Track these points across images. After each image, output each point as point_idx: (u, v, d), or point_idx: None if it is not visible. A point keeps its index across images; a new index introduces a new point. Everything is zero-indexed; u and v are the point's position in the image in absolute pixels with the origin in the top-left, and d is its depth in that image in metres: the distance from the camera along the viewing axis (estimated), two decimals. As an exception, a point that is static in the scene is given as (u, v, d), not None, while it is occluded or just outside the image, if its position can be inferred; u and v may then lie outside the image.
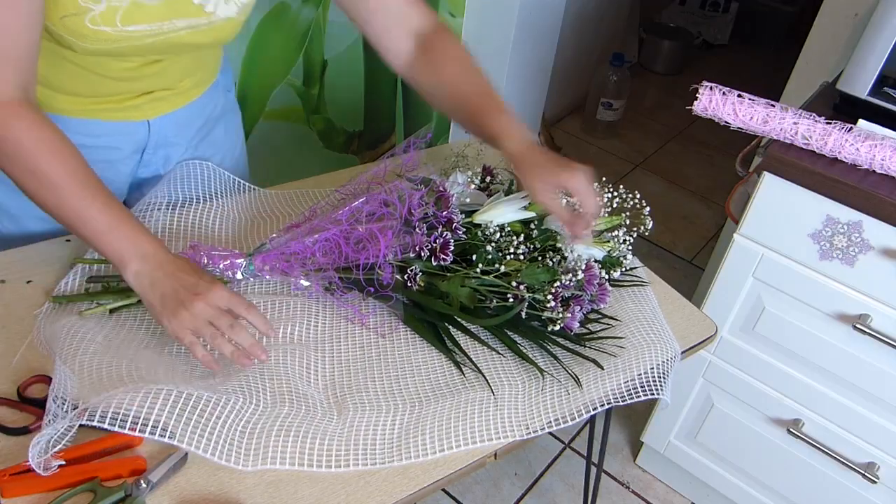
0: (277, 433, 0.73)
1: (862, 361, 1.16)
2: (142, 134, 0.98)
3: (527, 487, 1.59)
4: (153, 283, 0.76)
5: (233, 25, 0.88)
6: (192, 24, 0.83)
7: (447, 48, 0.92)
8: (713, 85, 1.06)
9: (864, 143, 1.01)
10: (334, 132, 1.91)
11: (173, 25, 0.82)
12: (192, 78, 0.99)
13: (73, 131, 0.85)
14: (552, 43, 2.05)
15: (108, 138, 0.95)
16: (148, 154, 1.01)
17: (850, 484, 1.27)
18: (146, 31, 0.80)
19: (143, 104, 0.95)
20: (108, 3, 0.75)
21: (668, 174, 2.71)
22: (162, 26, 0.81)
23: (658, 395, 0.86)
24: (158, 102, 0.97)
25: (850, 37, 1.42)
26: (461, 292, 0.86)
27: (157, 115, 0.98)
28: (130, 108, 0.94)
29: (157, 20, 0.80)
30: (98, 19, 0.76)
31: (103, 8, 0.76)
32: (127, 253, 0.76)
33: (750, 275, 1.22)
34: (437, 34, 0.93)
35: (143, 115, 0.97)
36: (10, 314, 0.84)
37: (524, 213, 0.93)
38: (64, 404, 0.70)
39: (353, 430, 0.76)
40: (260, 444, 0.72)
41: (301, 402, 0.77)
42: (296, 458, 0.72)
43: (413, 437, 0.76)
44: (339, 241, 0.89)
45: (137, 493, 0.68)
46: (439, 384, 0.83)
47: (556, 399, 0.83)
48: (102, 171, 0.80)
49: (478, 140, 0.94)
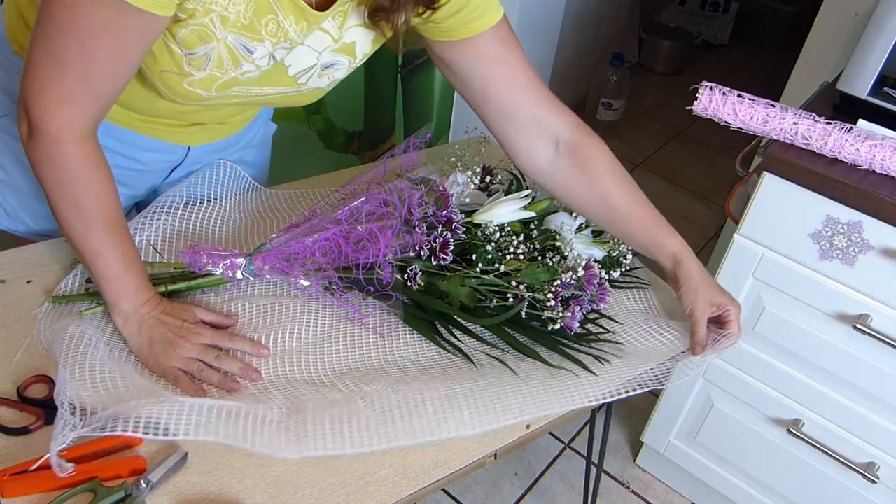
0: (313, 423, 0.73)
1: (862, 361, 1.16)
2: (179, 155, 0.99)
3: (527, 487, 1.59)
4: (141, 326, 0.80)
5: (318, 94, 0.88)
6: (280, 92, 0.84)
7: (599, 158, 0.88)
8: (713, 85, 1.06)
9: (864, 143, 1.01)
10: (334, 132, 1.91)
11: (262, 92, 0.83)
12: (243, 115, 1.01)
13: (112, 137, 0.86)
14: (552, 43, 2.05)
15: (145, 153, 0.96)
16: (177, 172, 1.03)
17: (850, 484, 1.26)
18: (237, 93, 0.82)
19: (192, 132, 0.96)
20: (210, 71, 0.76)
21: (668, 174, 2.71)
22: (251, 91, 0.82)
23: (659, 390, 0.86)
24: (207, 132, 0.98)
25: (850, 37, 1.42)
26: (461, 292, 0.86)
27: (202, 143, 0.99)
28: (179, 132, 0.95)
29: (250, 85, 0.81)
30: (196, 84, 0.77)
31: (205, 75, 0.76)
32: (124, 299, 0.80)
33: (750, 275, 1.22)
34: (585, 140, 0.87)
35: (188, 140, 0.97)
36: (10, 314, 0.84)
37: (524, 212, 0.93)
38: (75, 410, 0.70)
39: (384, 409, 0.76)
40: (300, 435, 0.71)
41: (323, 397, 0.78)
42: (337, 442, 0.71)
43: (451, 411, 0.76)
44: (338, 241, 0.89)
45: (137, 493, 0.68)
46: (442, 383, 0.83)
47: (560, 395, 0.82)
48: (128, 177, 0.81)
49: (477, 140, 0.94)
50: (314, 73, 0.83)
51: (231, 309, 0.88)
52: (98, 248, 0.78)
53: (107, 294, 0.80)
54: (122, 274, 0.79)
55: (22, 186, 0.95)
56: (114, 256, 0.78)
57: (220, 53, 0.74)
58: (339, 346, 0.86)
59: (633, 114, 2.99)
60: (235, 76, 0.77)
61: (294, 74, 0.82)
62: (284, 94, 0.85)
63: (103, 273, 0.79)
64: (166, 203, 0.99)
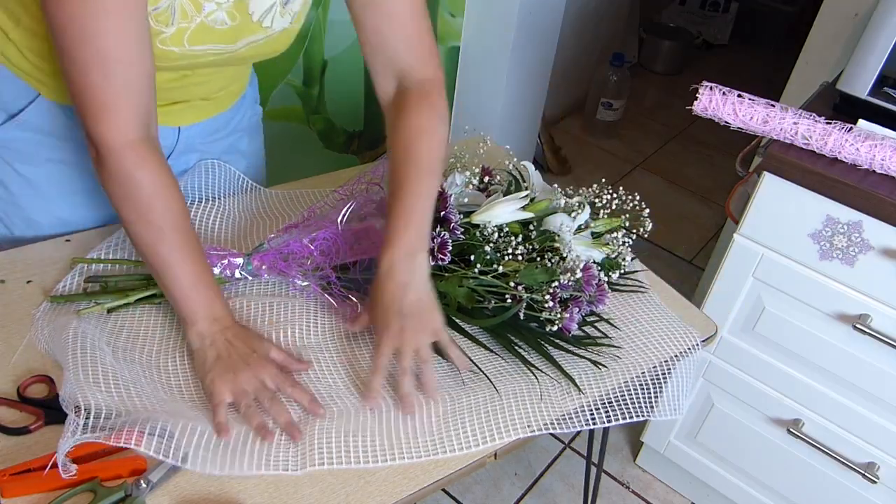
0: (319, 436, 0.74)
1: (862, 361, 1.16)
2: (170, 139, 0.98)
3: (527, 487, 1.59)
4: (213, 342, 0.78)
5: (288, 35, 0.88)
6: (251, 41, 0.84)
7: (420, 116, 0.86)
8: (713, 85, 1.06)
9: (864, 143, 1.01)
10: (334, 132, 1.91)
11: (235, 47, 0.83)
12: (228, 89, 1.00)
13: None
14: (552, 43, 2.05)
15: None
16: (172, 160, 1.02)
17: (850, 484, 1.26)
18: (211, 50, 0.82)
19: (178, 111, 0.96)
20: (178, 25, 0.76)
21: (668, 174, 2.71)
22: (227, 47, 0.82)
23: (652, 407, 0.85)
24: (192, 111, 0.97)
25: (850, 37, 1.41)
26: (459, 292, 0.86)
27: (190, 122, 0.98)
28: (165, 113, 0.94)
29: (223, 42, 0.81)
30: (168, 41, 0.77)
31: (174, 30, 0.76)
32: (201, 312, 0.78)
33: (750, 275, 1.22)
34: (422, 94, 0.86)
35: (176, 121, 0.97)
36: (10, 314, 0.84)
37: (522, 213, 0.93)
38: (79, 411, 0.70)
39: (391, 424, 0.76)
40: (306, 449, 0.73)
41: (330, 406, 0.78)
42: (342, 457, 0.73)
43: (454, 428, 0.77)
44: (336, 240, 0.89)
45: (137, 493, 0.68)
46: (444, 382, 0.83)
47: (558, 399, 0.82)
48: None
49: (476, 140, 0.94)
50: (276, 11, 0.83)
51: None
52: (169, 260, 0.77)
53: (181, 309, 0.78)
54: (195, 284, 0.78)
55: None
56: (187, 266, 0.77)
57: (181, 2, 0.74)
58: (338, 347, 0.86)
59: (633, 114, 2.98)
60: (203, 22, 0.77)
61: (258, 19, 0.82)
62: (255, 42, 0.85)
63: (177, 286, 0.78)
64: None
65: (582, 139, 2.86)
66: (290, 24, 0.87)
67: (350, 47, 1.79)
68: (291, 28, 0.88)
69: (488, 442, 0.77)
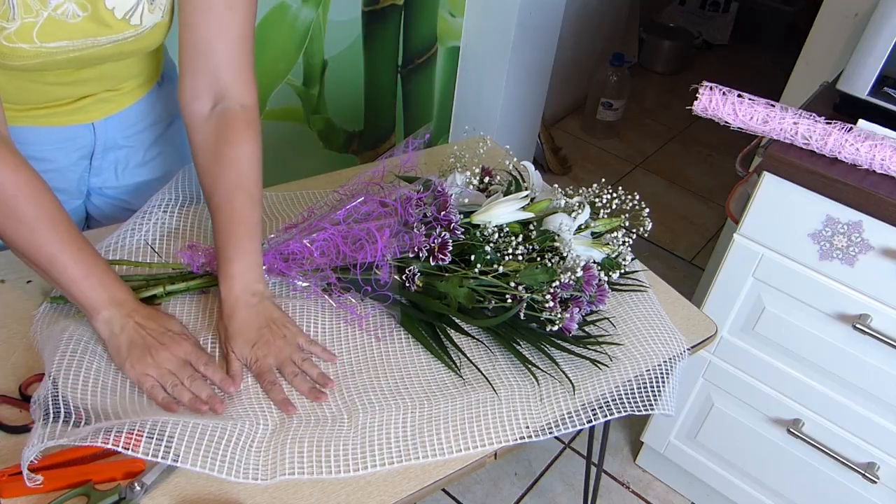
0: (291, 444, 0.74)
1: (862, 361, 1.16)
2: (87, 138, 0.96)
3: (527, 487, 1.59)
4: (123, 328, 0.77)
5: (160, 29, 0.86)
6: (115, 40, 0.82)
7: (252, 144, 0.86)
8: (713, 85, 1.06)
9: (864, 143, 1.01)
10: (334, 132, 1.91)
11: (96, 42, 0.80)
12: (136, 79, 0.97)
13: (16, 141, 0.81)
14: (552, 43, 2.05)
15: (53, 145, 0.93)
16: (97, 160, 0.99)
17: (850, 484, 1.26)
18: (67, 46, 0.79)
19: (86, 106, 0.93)
20: (22, 21, 0.74)
21: (668, 174, 2.71)
22: (85, 42, 0.79)
23: (654, 404, 0.85)
24: (102, 104, 0.95)
25: (850, 37, 1.41)
26: (459, 292, 0.86)
27: (102, 116, 0.95)
28: (73, 111, 0.92)
29: (79, 37, 0.79)
30: (14, 37, 0.75)
31: (17, 25, 0.74)
32: (99, 300, 0.77)
33: (750, 275, 1.22)
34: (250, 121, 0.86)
35: (87, 117, 0.94)
36: (10, 314, 0.84)
37: (522, 213, 0.93)
38: (59, 416, 0.69)
39: (366, 432, 0.76)
40: (276, 457, 0.72)
41: (310, 414, 0.78)
42: (313, 467, 0.72)
43: (427, 435, 0.77)
44: (336, 241, 0.89)
45: (131, 496, 0.68)
46: (445, 383, 0.83)
47: (559, 400, 0.82)
48: (51, 180, 0.78)
49: (476, 140, 0.94)
50: (143, 8, 0.81)
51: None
52: (49, 254, 0.74)
53: (80, 301, 0.77)
54: (87, 273, 0.76)
55: None
56: (70, 257, 0.75)
57: None
58: (340, 347, 0.86)
59: (633, 114, 2.98)
60: (51, 16, 0.75)
61: (123, 16, 0.80)
62: (124, 39, 0.82)
63: (67, 279, 0.75)
64: (162, 202, 0.99)
65: (582, 139, 2.86)
66: (162, 17, 0.85)
67: (350, 47, 1.79)
68: (164, 21, 0.85)
69: (478, 447, 0.77)
